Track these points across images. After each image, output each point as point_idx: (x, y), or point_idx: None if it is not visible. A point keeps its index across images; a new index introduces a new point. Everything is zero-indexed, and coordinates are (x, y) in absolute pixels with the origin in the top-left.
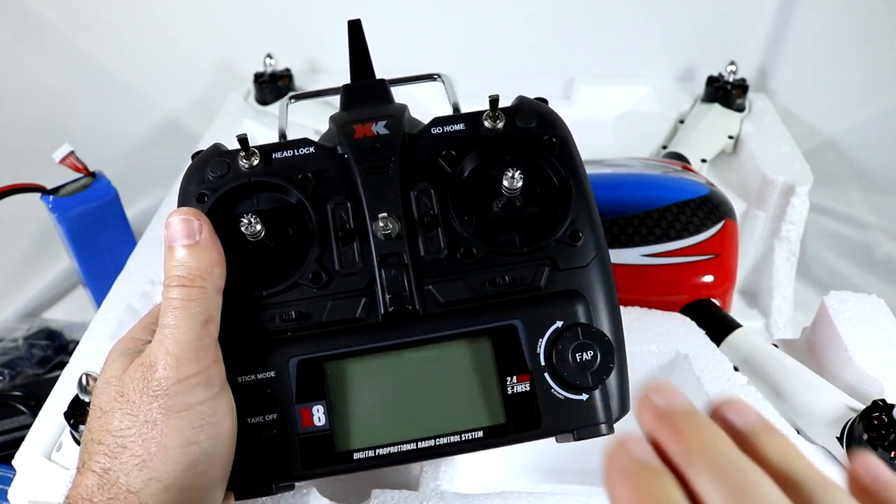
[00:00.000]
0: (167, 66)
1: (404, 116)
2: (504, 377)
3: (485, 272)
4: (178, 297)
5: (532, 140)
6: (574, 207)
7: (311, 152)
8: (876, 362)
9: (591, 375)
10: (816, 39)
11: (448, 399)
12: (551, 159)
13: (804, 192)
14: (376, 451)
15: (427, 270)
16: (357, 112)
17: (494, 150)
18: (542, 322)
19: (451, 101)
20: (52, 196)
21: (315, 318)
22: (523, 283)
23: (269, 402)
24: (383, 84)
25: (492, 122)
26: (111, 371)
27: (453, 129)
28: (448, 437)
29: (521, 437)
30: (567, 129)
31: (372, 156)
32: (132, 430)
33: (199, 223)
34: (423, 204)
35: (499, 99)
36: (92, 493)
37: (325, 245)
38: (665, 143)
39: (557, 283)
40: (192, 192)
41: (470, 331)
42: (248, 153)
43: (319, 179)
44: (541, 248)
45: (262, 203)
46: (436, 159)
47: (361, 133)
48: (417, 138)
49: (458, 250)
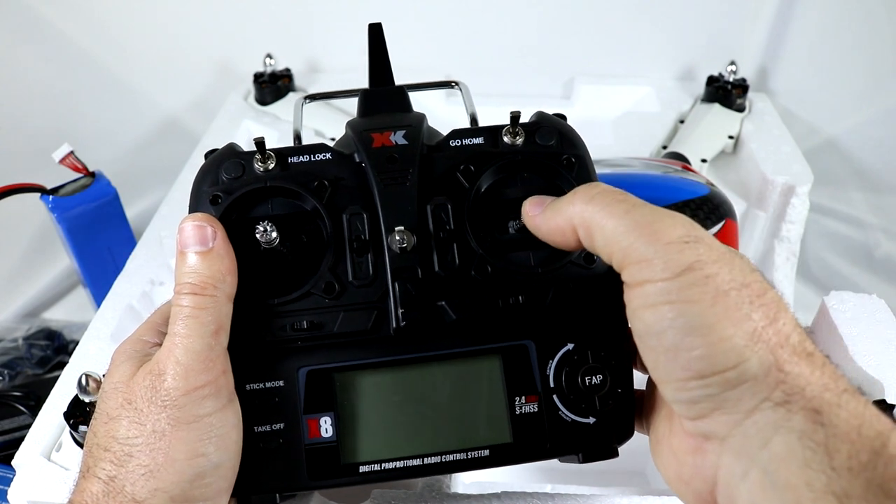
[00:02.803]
0: (167, 66)
1: (423, 127)
2: (513, 397)
3: (498, 290)
4: (189, 306)
5: (551, 159)
6: None
7: (327, 158)
8: (876, 362)
9: (598, 399)
10: (816, 39)
11: (456, 416)
12: (570, 179)
13: (804, 192)
14: (382, 465)
15: (440, 286)
16: (375, 119)
17: (513, 167)
18: (553, 343)
19: (469, 111)
20: (51, 196)
21: (326, 328)
22: (536, 303)
23: (276, 411)
24: (403, 91)
25: (511, 138)
26: (118, 375)
27: (472, 143)
28: (454, 455)
29: (528, 457)
30: (585, 148)
31: (390, 166)
32: (139, 439)
33: (212, 230)
34: (440, 218)
35: (520, 115)
36: (97, 499)
37: (339, 255)
38: (665, 143)
39: (570, 304)
40: (205, 193)
41: (481, 349)
42: (265, 156)
43: (336, 187)
44: (555, 268)
45: (277, 208)
46: (454, 173)
47: (380, 142)
48: (436, 150)
49: (472, 267)
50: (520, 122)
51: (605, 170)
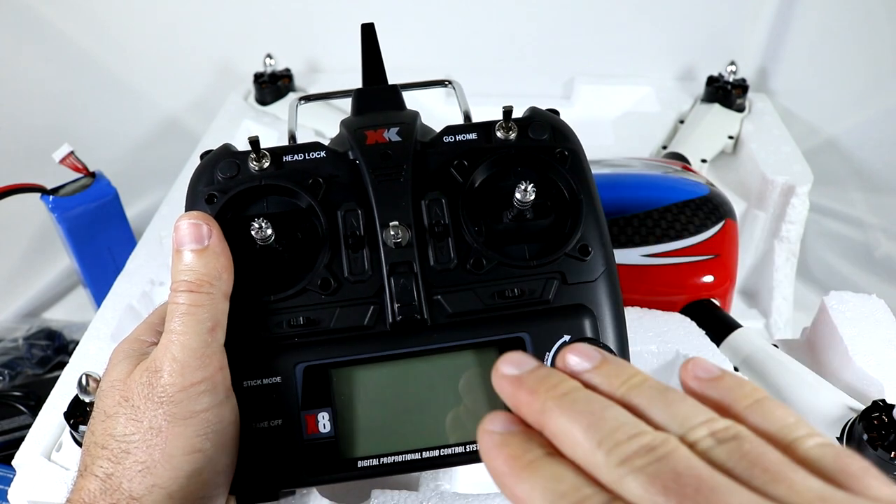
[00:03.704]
0: (167, 66)
1: (417, 123)
2: None
3: (494, 284)
4: (185, 303)
5: (544, 152)
6: (584, 222)
7: (322, 156)
8: (876, 362)
9: None
10: (816, 39)
11: (454, 409)
12: (563, 172)
13: (804, 192)
14: (380, 460)
15: (436, 280)
16: (369, 117)
17: (506, 161)
18: (550, 335)
19: (462, 109)
20: (52, 196)
21: (323, 324)
22: (532, 296)
23: (274, 407)
24: (396, 90)
25: (504, 133)
26: (116, 374)
27: (465, 139)
28: (452, 448)
29: None
30: (578, 142)
31: (384, 163)
32: (136, 435)
33: (208, 228)
34: (434, 213)
35: (512, 110)
36: (94, 497)
37: (334, 251)
38: (665, 143)
39: (566, 297)
40: (200, 193)
41: (477, 342)
42: (259, 155)
43: (330, 184)
44: (550, 261)
45: (272, 206)
46: (447, 169)
47: (374, 139)
48: (429, 146)
49: (467, 261)
50: (512, 117)
51: (605, 170)
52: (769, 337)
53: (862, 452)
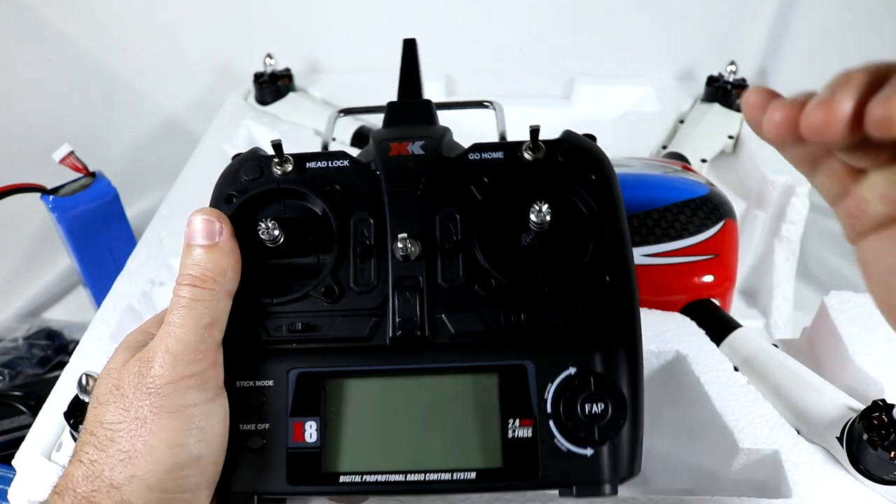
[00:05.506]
0: (167, 66)
1: (444, 139)
2: (506, 419)
3: (501, 307)
4: (187, 297)
5: (569, 176)
6: (607, 250)
7: (344, 165)
8: (876, 362)
9: (598, 430)
10: (816, 39)
11: (445, 434)
12: (587, 198)
13: (804, 192)
14: (363, 478)
15: (442, 298)
16: (398, 130)
17: (528, 182)
18: (555, 366)
19: (499, 130)
20: (52, 196)
21: (321, 332)
22: (540, 323)
23: (263, 410)
24: (429, 105)
25: (532, 154)
26: (113, 362)
27: (490, 157)
28: (439, 474)
29: (516, 485)
30: (612, 169)
31: (402, 174)
32: (122, 424)
33: (220, 225)
34: (447, 229)
35: (539, 129)
36: (77, 483)
37: (342, 259)
38: (665, 143)
39: (577, 326)
40: (223, 193)
41: (477, 365)
42: (282, 160)
43: (348, 193)
44: (564, 287)
45: (289, 211)
46: (468, 185)
47: (396, 151)
48: (454, 162)
49: (476, 281)
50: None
51: None
52: (769, 337)
53: (862, 452)
